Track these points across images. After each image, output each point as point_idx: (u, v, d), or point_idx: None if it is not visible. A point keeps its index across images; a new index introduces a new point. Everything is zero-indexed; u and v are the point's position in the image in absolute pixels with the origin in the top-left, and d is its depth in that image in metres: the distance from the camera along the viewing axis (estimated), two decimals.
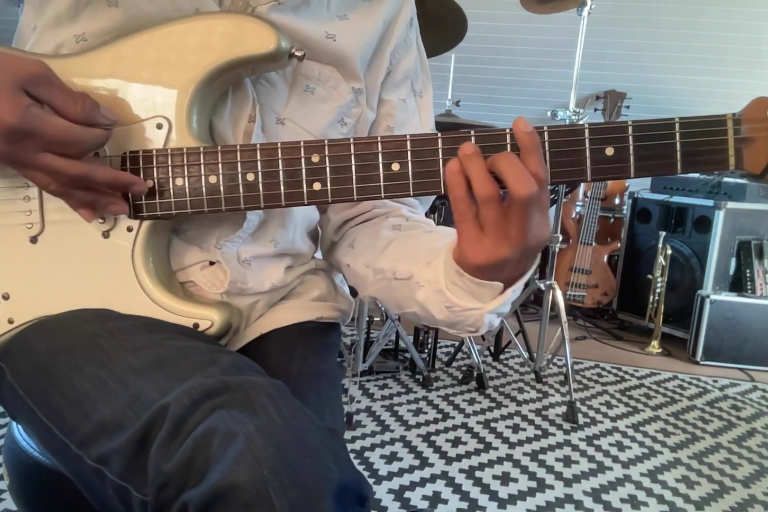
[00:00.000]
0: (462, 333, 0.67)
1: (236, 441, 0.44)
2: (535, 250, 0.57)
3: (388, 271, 0.71)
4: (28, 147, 0.55)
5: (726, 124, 0.55)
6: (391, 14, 0.78)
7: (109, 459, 0.51)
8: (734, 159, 0.55)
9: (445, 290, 0.62)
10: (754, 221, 3.06)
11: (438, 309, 0.64)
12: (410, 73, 0.82)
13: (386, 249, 0.73)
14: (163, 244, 0.70)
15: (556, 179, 0.57)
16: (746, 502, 1.75)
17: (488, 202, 0.54)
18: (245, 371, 0.56)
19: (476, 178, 0.54)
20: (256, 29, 0.63)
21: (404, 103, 0.82)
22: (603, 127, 0.56)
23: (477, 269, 0.58)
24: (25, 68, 0.54)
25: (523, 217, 0.53)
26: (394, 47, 0.79)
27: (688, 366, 2.94)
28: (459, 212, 0.56)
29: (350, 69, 0.75)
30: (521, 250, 0.56)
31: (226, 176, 0.62)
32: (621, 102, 3.32)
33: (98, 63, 0.65)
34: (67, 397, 0.56)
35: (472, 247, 0.56)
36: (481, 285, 0.60)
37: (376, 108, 0.81)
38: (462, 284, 0.61)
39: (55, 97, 0.56)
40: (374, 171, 0.60)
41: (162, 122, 0.64)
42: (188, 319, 0.65)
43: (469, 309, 0.62)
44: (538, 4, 2.36)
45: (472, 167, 0.54)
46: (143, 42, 0.65)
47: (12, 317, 0.66)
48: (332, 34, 0.72)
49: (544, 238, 0.56)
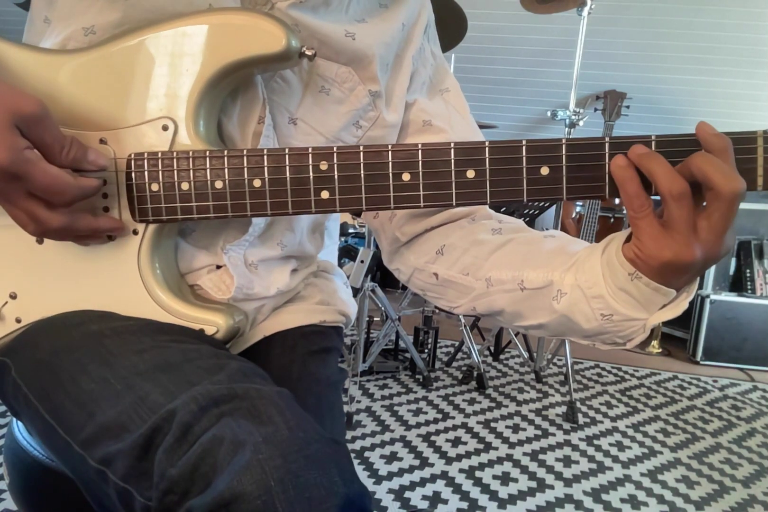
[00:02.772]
0: (603, 346, 0.62)
1: (243, 451, 0.44)
2: (717, 260, 0.53)
3: (509, 281, 0.65)
4: (13, 189, 0.55)
5: (756, 142, 0.52)
6: (411, 18, 0.78)
7: (113, 461, 0.51)
8: (763, 179, 0.52)
9: (607, 296, 0.57)
10: (754, 221, 3.06)
11: (588, 318, 0.59)
12: (426, 78, 0.81)
13: (494, 255, 0.68)
14: (170, 247, 0.69)
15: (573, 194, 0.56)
16: (746, 502, 1.75)
17: (681, 200, 0.50)
18: (252, 378, 0.56)
19: (663, 175, 0.51)
20: (265, 28, 0.61)
21: (430, 101, 0.81)
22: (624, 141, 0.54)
23: (662, 269, 0.53)
24: (22, 106, 0.53)
25: (725, 215, 0.50)
26: (415, 51, 0.78)
27: (688, 366, 2.95)
28: (635, 208, 0.52)
29: (369, 70, 0.73)
30: (710, 255, 0.51)
31: (233, 182, 0.61)
32: (621, 102, 3.32)
33: (104, 60, 0.64)
34: (71, 396, 0.56)
35: (658, 243, 0.52)
36: (657, 291, 0.54)
37: (404, 111, 0.78)
38: (633, 289, 0.55)
39: (45, 140, 0.55)
40: (384, 181, 0.58)
41: (168, 123, 0.63)
42: (194, 324, 0.65)
43: (631, 320, 0.57)
44: (538, 4, 2.36)
45: (656, 164, 0.51)
46: (151, 39, 0.63)
47: (20, 316, 0.66)
48: (351, 33, 0.71)
49: (730, 248, 0.52)
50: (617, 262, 0.55)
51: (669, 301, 0.56)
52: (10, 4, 0.77)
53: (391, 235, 0.80)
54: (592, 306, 0.58)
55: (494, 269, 0.67)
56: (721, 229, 0.50)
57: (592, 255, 0.59)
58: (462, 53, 2.74)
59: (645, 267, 0.54)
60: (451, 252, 0.73)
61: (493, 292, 0.67)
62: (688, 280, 0.55)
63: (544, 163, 0.55)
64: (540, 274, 0.62)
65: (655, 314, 0.56)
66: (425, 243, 0.76)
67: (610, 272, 0.56)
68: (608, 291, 0.57)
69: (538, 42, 3.25)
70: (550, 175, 0.56)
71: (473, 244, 0.71)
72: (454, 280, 0.71)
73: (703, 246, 0.51)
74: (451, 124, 0.79)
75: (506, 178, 0.57)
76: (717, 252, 0.52)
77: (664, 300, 0.55)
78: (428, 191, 0.58)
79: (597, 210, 3.45)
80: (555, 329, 0.64)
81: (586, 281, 0.58)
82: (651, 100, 3.40)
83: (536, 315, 0.64)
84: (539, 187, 0.56)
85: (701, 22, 2.99)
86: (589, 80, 3.18)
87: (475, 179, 0.57)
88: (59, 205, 0.57)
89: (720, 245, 0.51)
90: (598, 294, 0.57)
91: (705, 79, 3.25)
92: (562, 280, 0.60)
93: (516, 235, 0.71)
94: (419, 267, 0.76)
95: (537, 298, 0.63)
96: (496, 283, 0.67)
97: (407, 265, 0.78)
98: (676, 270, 0.53)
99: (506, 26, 3.19)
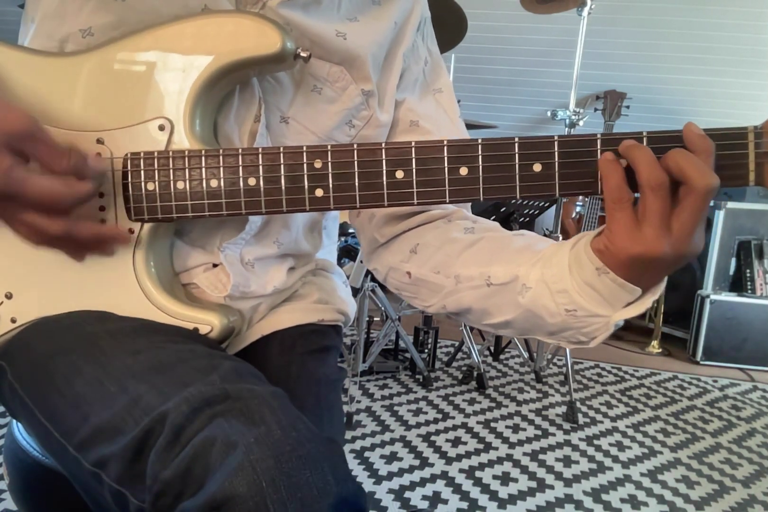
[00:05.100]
0: (566, 343, 0.62)
1: (235, 452, 0.44)
2: (685, 259, 0.53)
3: (477, 278, 0.65)
4: (10, 207, 0.55)
5: (747, 137, 0.53)
6: (403, 16, 0.78)
7: (107, 463, 0.51)
8: (755, 174, 0.53)
9: (572, 290, 0.57)
10: (754, 221, 3.06)
11: (552, 313, 0.59)
12: (419, 76, 0.81)
13: (465, 253, 0.69)
14: (165, 246, 0.69)
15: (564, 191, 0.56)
16: (746, 502, 1.75)
17: (658, 190, 0.50)
18: (245, 377, 0.56)
19: (646, 165, 0.51)
20: (261, 30, 0.62)
21: (420, 101, 0.81)
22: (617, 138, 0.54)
23: (629, 263, 0.53)
24: (10, 125, 0.53)
25: (697, 211, 0.50)
26: (407, 49, 0.78)
27: (688, 366, 2.95)
28: (614, 199, 0.52)
29: (361, 69, 0.73)
30: (679, 252, 0.52)
31: (228, 180, 0.61)
32: (621, 102, 3.32)
33: (102, 62, 0.65)
34: (65, 398, 0.56)
35: (629, 235, 0.52)
36: (622, 288, 0.54)
37: (394, 110, 0.78)
38: (599, 284, 0.55)
39: (41, 152, 0.55)
40: (377, 178, 0.59)
41: (164, 123, 0.64)
42: (188, 323, 0.65)
43: (595, 316, 0.57)
44: (538, 4, 2.36)
45: (641, 155, 0.52)
46: (148, 41, 0.64)
47: (15, 316, 0.66)
48: (342, 33, 0.71)
49: (699, 248, 0.53)
50: (585, 256, 0.55)
51: (635, 299, 0.56)
52: (9, 4, 0.77)
53: (370, 236, 0.80)
54: (556, 301, 0.58)
55: (464, 266, 0.67)
56: (692, 224, 0.51)
57: (560, 250, 0.59)
58: (462, 53, 2.74)
59: (613, 260, 0.54)
60: (423, 250, 0.73)
61: (462, 289, 0.67)
62: (654, 279, 0.55)
63: (537, 160, 0.56)
64: (506, 270, 0.63)
65: (618, 311, 0.56)
66: (401, 242, 0.77)
67: (577, 266, 0.56)
68: (573, 286, 0.57)
69: (538, 42, 3.25)
70: (542, 172, 0.56)
71: (445, 242, 0.71)
72: (425, 279, 0.71)
73: (673, 242, 0.51)
74: (438, 127, 0.79)
75: (499, 175, 0.57)
76: (686, 249, 0.52)
77: (629, 297, 0.55)
78: (421, 188, 0.58)
79: (597, 210, 3.45)
80: (521, 326, 0.64)
81: (553, 275, 0.58)
82: (651, 100, 3.40)
83: (502, 311, 0.64)
84: (532, 183, 0.56)
85: (701, 22, 2.99)
86: (589, 80, 3.18)
87: (468, 176, 0.58)
88: (59, 213, 0.57)
89: (689, 243, 0.51)
90: (563, 288, 0.57)
91: (704, 79, 3.25)
92: (527, 275, 0.60)
93: (487, 233, 0.71)
94: (394, 266, 0.76)
95: (503, 294, 0.63)
96: (464, 280, 0.67)
97: (383, 264, 0.79)
98: (643, 265, 0.53)
99: (506, 26, 3.19)
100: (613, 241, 0.53)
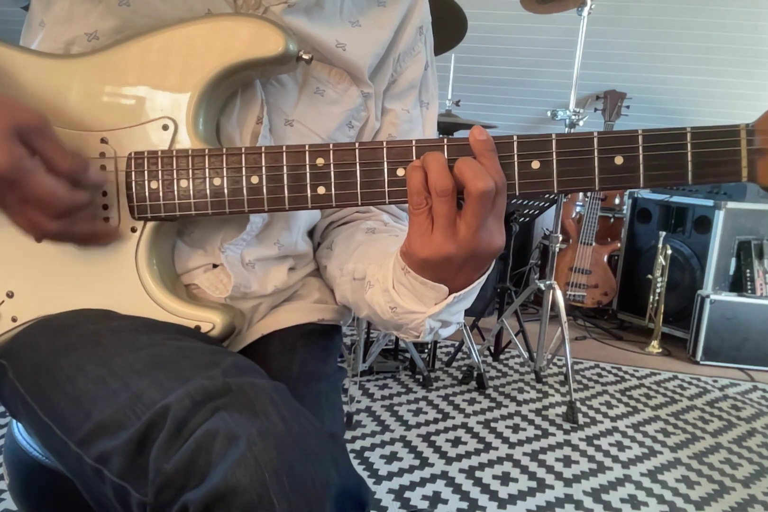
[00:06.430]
0: (409, 338, 0.66)
1: (238, 444, 0.44)
2: (482, 257, 0.56)
3: (349, 273, 0.71)
4: (9, 195, 0.56)
5: (739, 135, 0.54)
6: (401, 21, 0.78)
7: (109, 458, 0.51)
8: (747, 170, 0.54)
9: (390, 290, 0.62)
10: (754, 221, 3.06)
11: (383, 310, 0.64)
12: (416, 82, 0.82)
13: (355, 251, 0.74)
14: (167, 245, 0.70)
15: (564, 188, 0.57)
16: (746, 502, 1.75)
17: (442, 195, 0.54)
18: (247, 372, 0.56)
19: (434, 171, 0.54)
20: (264, 32, 0.63)
21: (408, 113, 0.82)
22: (612, 136, 0.55)
23: (422, 264, 0.57)
24: (23, 117, 0.55)
25: (476, 213, 0.53)
26: (399, 54, 0.79)
27: (688, 366, 2.95)
28: (414, 204, 0.55)
29: (359, 76, 0.75)
30: (468, 251, 0.55)
31: (231, 179, 0.62)
32: (621, 102, 3.32)
33: (109, 64, 0.66)
34: (67, 396, 0.56)
35: (421, 239, 0.56)
36: (424, 286, 0.59)
37: (380, 117, 0.81)
38: (407, 283, 0.60)
39: (48, 149, 0.56)
40: (379, 176, 0.60)
41: (168, 123, 0.65)
42: (190, 321, 0.65)
43: (411, 312, 0.61)
44: (538, 4, 2.36)
45: (431, 161, 0.55)
46: (154, 43, 0.65)
47: (16, 315, 0.66)
48: (342, 44, 0.72)
49: (495, 246, 0.56)
50: (397, 258, 0.60)
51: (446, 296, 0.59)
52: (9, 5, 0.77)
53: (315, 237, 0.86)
54: (384, 299, 0.63)
55: (350, 262, 0.73)
56: (475, 225, 0.54)
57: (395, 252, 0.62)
58: (462, 53, 2.74)
59: (411, 261, 0.58)
60: (335, 247, 0.79)
61: (343, 282, 0.74)
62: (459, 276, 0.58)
63: (535, 158, 0.57)
64: (362, 267, 0.68)
65: (431, 308, 0.60)
66: (325, 241, 0.84)
67: (395, 267, 0.61)
68: (392, 285, 0.62)
69: (538, 42, 3.25)
70: (540, 169, 0.57)
71: (349, 241, 0.77)
72: (332, 273, 0.77)
73: (459, 243, 0.54)
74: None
75: None
76: (476, 248, 0.55)
77: (435, 294, 0.59)
78: None
79: (597, 210, 3.45)
80: (377, 322, 0.68)
81: (382, 276, 0.63)
82: (651, 100, 3.40)
83: (361, 305, 0.69)
84: (531, 180, 0.58)
85: (701, 22, 2.99)
86: (589, 80, 3.18)
87: None
88: (53, 215, 0.58)
89: (478, 241, 0.54)
90: (386, 288, 0.62)
91: (705, 79, 3.25)
92: (373, 274, 0.66)
93: (379, 235, 0.76)
94: (319, 260, 0.83)
95: (360, 289, 0.68)
96: (345, 274, 0.73)
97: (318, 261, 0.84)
98: (436, 266, 0.56)
99: (506, 26, 3.19)
100: (409, 244, 0.57)
